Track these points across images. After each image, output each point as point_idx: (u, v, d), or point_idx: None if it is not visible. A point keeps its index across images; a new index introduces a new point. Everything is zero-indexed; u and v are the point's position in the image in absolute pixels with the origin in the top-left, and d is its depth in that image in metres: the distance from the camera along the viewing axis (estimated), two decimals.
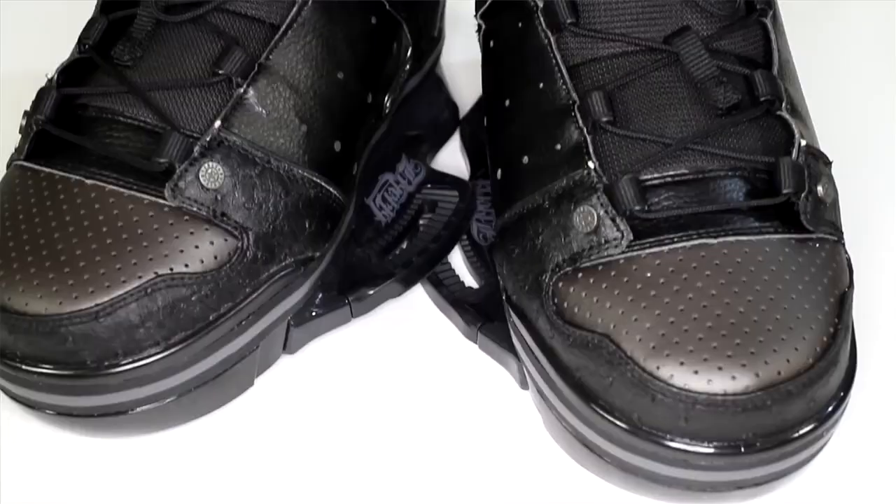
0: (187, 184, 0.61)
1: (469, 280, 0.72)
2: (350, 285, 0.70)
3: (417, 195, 0.76)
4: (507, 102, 0.66)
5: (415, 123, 0.79)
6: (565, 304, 0.59)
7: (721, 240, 0.59)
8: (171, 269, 0.60)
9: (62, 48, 0.70)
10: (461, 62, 0.86)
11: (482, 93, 0.73)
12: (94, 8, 0.69)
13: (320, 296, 0.69)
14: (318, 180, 0.66)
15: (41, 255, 0.60)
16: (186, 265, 0.61)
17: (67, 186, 0.63)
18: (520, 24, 0.65)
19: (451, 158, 0.81)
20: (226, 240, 0.62)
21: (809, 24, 0.83)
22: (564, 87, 0.63)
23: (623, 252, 0.59)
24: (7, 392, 0.64)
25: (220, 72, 0.64)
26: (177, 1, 0.66)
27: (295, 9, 0.66)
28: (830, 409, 0.58)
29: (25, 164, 0.64)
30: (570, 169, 0.61)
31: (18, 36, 0.91)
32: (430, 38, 0.80)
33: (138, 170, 0.62)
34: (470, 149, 0.80)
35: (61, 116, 0.65)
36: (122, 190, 0.62)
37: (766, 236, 0.59)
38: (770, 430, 0.56)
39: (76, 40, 0.67)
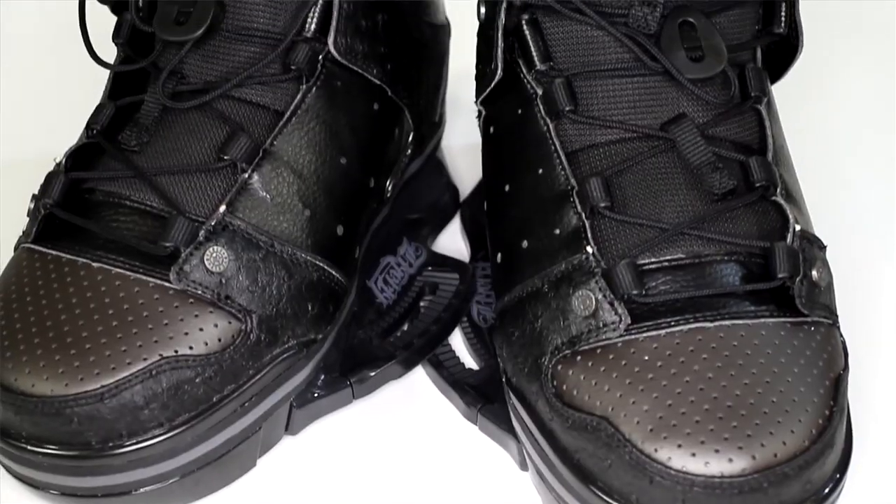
0: (192, 267, 0.62)
1: (469, 362, 0.73)
2: (352, 367, 0.71)
3: (418, 277, 0.77)
4: (507, 187, 0.67)
5: (416, 206, 0.80)
6: (564, 387, 0.60)
7: (717, 323, 0.59)
8: (176, 352, 0.61)
9: (71, 132, 0.71)
10: (461, 145, 0.87)
11: (482, 176, 0.74)
12: (101, 94, 0.71)
13: (322, 377, 0.70)
14: (321, 264, 0.67)
15: (48, 337, 0.61)
16: (191, 347, 0.61)
17: (74, 269, 0.64)
18: (519, 111, 0.67)
19: (452, 241, 0.82)
20: (230, 322, 0.63)
21: (803, 111, 0.85)
22: (563, 172, 0.64)
23: (621, 335, 0.59)
24: (11, 472, 0.64)
25: (226, 157, 0.65)
26: (184, 88, 0.67)
27: (299, 96, 0.67)
28: (827, 490, 0.58)
29: (33, 246, 0.65)
30: (569, 253, 0.62)
31: (26, 119, 0.93)
32: (431, 122, 0.81)
33: (144, 253, 0.63)
34: (470, 231, 0.81)
35: (69, 200, 0.66)
36: (128, 273, 0.63)
37: (762, 320, 0.60)
38: None
39: (84, 125, 0.69)
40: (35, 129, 0.91)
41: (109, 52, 0.71)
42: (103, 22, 0.72)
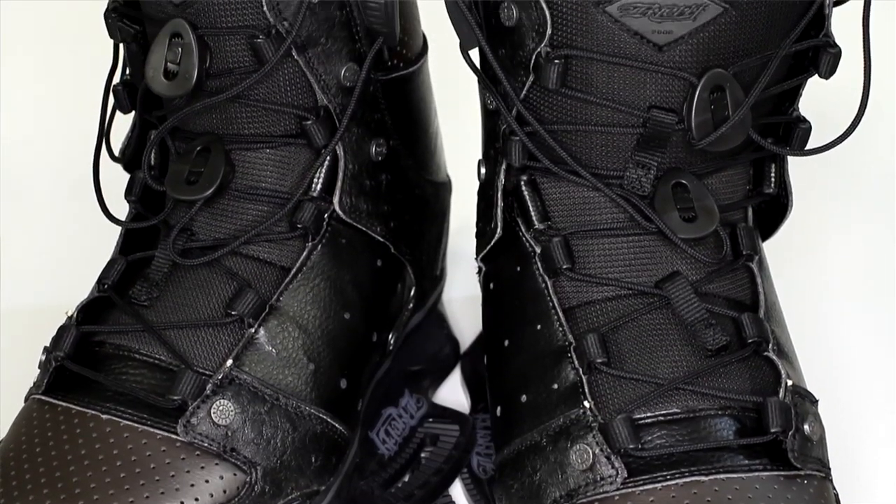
0: (199, 420, 0.64)
1: None
2: None
3: (419, 429, 0.78)
4: (507, 342, 0.69)
5: (417, 359, 0.82)
6: None
7: (712, 477, 0.60)
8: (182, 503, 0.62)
9: (81, 281, 0.73)
10: (462, 298, 0.89)
11: (482, 330, 0.76)
12: (113, 244, 0.73)
13: None
14: (325, 416, 0.68)
15: (56, 488, 0.62)
16: (196, 499, 0.62)
17: (83, 420, 0.65)
18: (518, 269, 0.69)
19: (452, 393, 0.83)
20: (235, 474, 0.64)
21: (794, 267, 0.87)
22: (561, 329, 0.65)
23: (618, 489, 0.60)
24: None
25: (233, 313, 0.67)
26: (193, 245, 0.69)
27: (305, 253, 0.69)
28: None
29: (43, 398, 0.67)
30: (567, 408, 0.63)
31: (39, 270, 0.95)
32: (432, 277, 0.83)
33: (152, 405, 0.65)
34: (470, 383, 0.82)
35: (79, 352, 0.67)
36: (136, 425, 0.64)
37: (756, 473, 0.61)
38: None
39: (96, 279, 0.70)
40: (47, 280, 0.93)
41: (121, 207, 0.73)
42: (116, 178, 0.74)
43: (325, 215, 0.70)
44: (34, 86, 1.11)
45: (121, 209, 0.73)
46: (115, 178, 0.74)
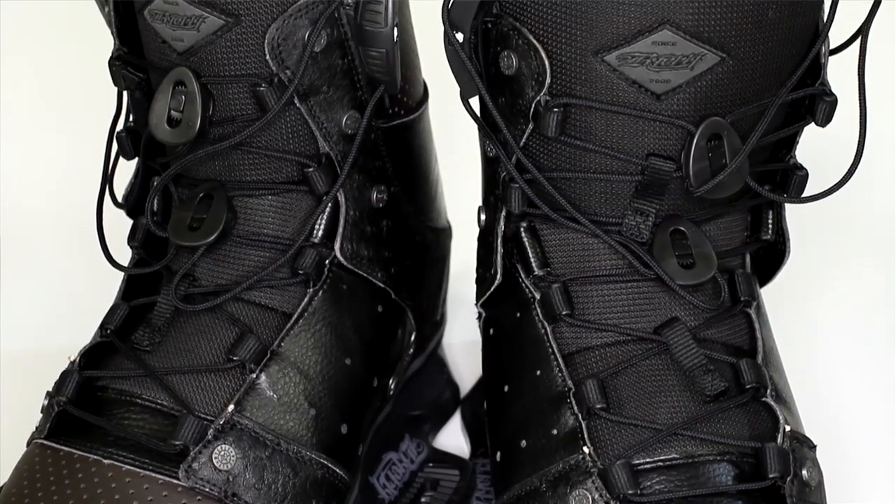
0: (201, 465, 0.64)
1: None
2: None
3: (420, 473, 0.78)
4: (507, 387, 0.69)
5: (417, 403, 0.82)
6: None
7: None
8: None
9: (82, 325, 0.74)
10: (462, 342, 0.89)
11: (482, 375, 0.76)
12: (115, 287, 0.73)
13: None
14: (325, 461, 0.68)
15: None
16: None
17: (85, 465, 0.65)
18: (518, 314, 0.69)
19: (453, 437, 0.83)
20: None
21: (792, 312, 0.87)
22: (560, 374, 0.66)
23: None
24: None
25: (235, 358, 0.67)
26: (196, 291, 0.70)
27: (306, 299, 0.70)
28: None
29: (45, 442, 0.67)
30: (567, 454, 0.63)
31: (41, 314, 0.95)
32: (433, 322, 0.84)
33: (154, 450, 0.65)
34: (470, 428, 0.83)
35: (82, 397, 0.68)
36: (137, 470, 0.64)
37: None
38: None
39: (99, 325, 0.71)
40: (50, 324, 0.93)
41: (124, 252, 0.73)
42: (119, 223, 0.75)
43: (327, 261, 0.71)
44: (38, 131, 1.12)
45: (124, 254, 0.73)
46: (118, 224, 0.74)
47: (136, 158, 0.73)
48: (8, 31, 1.14)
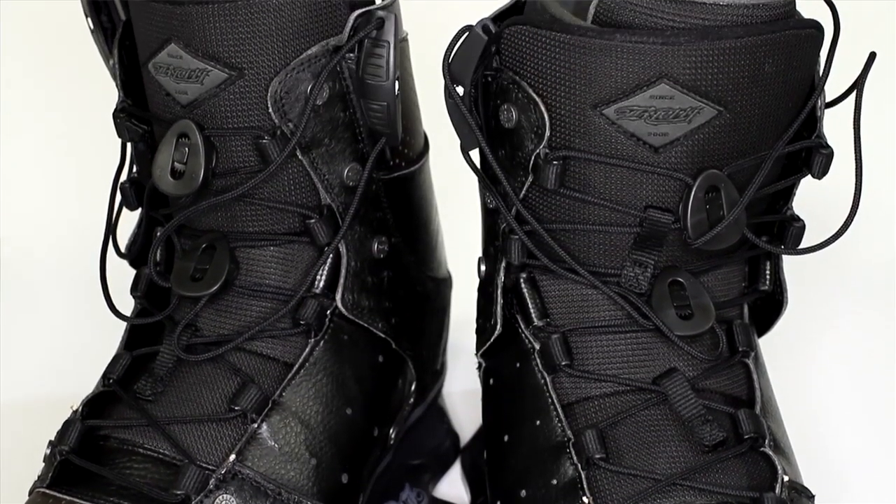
0: None
1: None
2: None
3: None
4: (506, 437, 0.70)
5: (417, 453, 0.82)
6: None
7: None
8: None
9: (83, 373, 0.74)
10: (462, 391, 0.89)
11: (482, 424, 0.77)
12: (117, 335, 0.74)
13: None
14: None
15: None
16: None
17: None
18: (518, 365, 0.69)
19: (453, 487, 0.83)
20: None
21: (790, 362, 0.88)
22: (560, 424, 0.66)
23: None
24: None
25: (236, 408, 0.67)
26: (198, 341, 0.70)
27: (307, 349, 0.70)
28: None
29: (48, 491, 0.67)
30: (566, 503, 0.64)
31: (42, 366, 0.96)
32: (433, 371, 0.84)
33: (156, 500, 0.65)
34: (470, 477, 0.83)
35: (84, 447, 0.68)
36: None
37: None
38: None
39: (102, 374, 0.71)
40: (53, 373, 0.94)
41: (126, 302, 0.74)
42: (121, 273, 0.75)
43: (328, 312, 0.71)
44: (42, 181, 1.13)
45: (126, 304, 0.74)
46: (121, 274, 0.75)
47: (140, 209, 0.74)
48: (14, 82, 1.15)
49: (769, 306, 0.72)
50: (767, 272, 0.70)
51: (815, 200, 0.75)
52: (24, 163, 1.13)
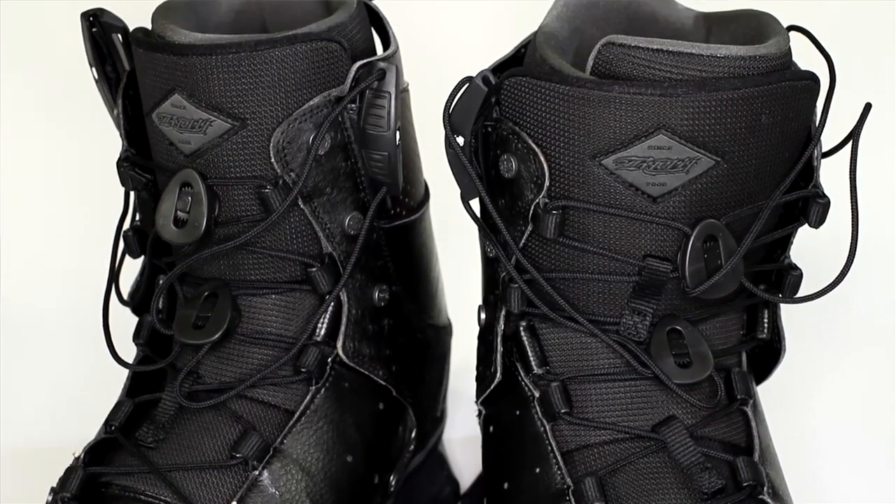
0: None
1: None
2: None
3: None
4: (506, 485, 0.70)
5: (418, 500, 0.82)
6: None
7: None
8: None
9: (83, 419, 0.74)
10: (462, 438, 0.90)
11: (482, 471, 0.77)
12: (118, 379, 0.74)
13: None
14: None
15: None
16: None
17: None
18: (518, 412, 0.70)
19: None
20: None
21: (788, 410, 0.88)
22: (559, 472, 0.66)
23: None
24: None
25: (238, 455, 0.68)
26: (199, 388, 0.70)
27: (308, 396, 0.71)
28: None
29: None
30: None
31: (44, 412, 0.96)
32: (433, 418, 0.84)
33: None
34: None
35: (86, 493, 0.68)
36: None
37: None
38: None
39: (104, 421, 0.72)
40: (55, 420, 0.94)
41: (129, 348, 0.74)
42: (124, 320, 0.76)
43: (329, 359, 0.72)
44: (46, 229, 1.13)
45: (128, 351, 0.74)
46: (124, 320, 0.75)
47: (142, 257, 0.74)
48: (19, 130, 1.15)
49: (767, 354, 0.72)
50: (765, 320, 0.70)
51: (812, 249, 0.75)
52: (29, 209, 1.14)
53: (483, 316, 0.74)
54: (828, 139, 0.66)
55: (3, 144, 1.15)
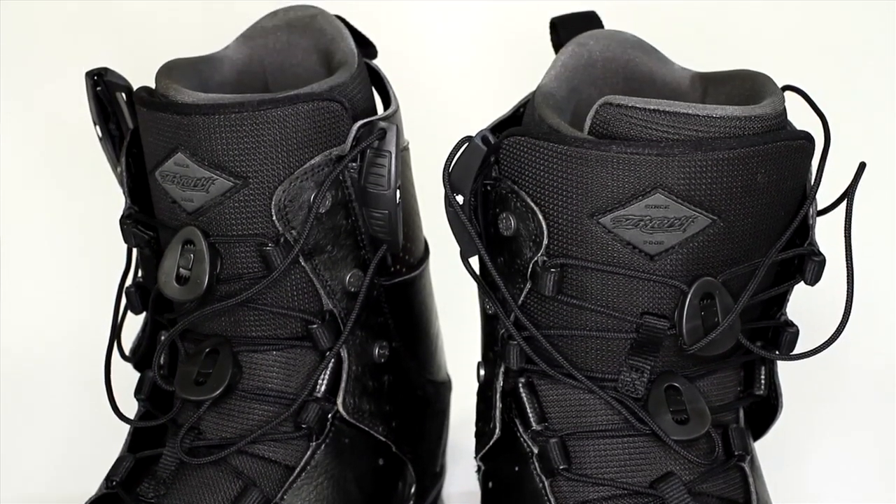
0: None
1: None
2: None
3: None
4: None
5: None
6: None
7: None
8: None
9: (90, 480, 0.75)
10: (461, 493, 0.89)
11: None
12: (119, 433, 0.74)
13: None
14: None
15: None
16: None
17: None
18: (517, 468, 0.70)
19: None
20: None
21: (785, 466, 0.88)
22: None
23: None
24: None
25: None
26: (200, 444, 0.71)
27: (308, 452, 0.71)
28: None
29: None
30: None
31: (46, 467, 0.96)
32: (432, 474, 0.84)
33: None
34: None
35: None
36: None
37: None
38: None
39: (105, 476, 0.72)
40: (57, 475, 0.94)
41: (130, 403, 0.75)
42: (126, 375, 0.76)
43: (329, 415, 0.72)
44: (49, 284, 1.14)
45: (130, 406, 0.74)
46: (126, 376, 0.76)
47: (144, 313, 0.75)
48: (23, 186, 1.16)
49: (764, 410, 0.73)
50: (762, 377, 0.71)
51: (808, 306, 0.76)
52: (33, 264, 1.15)
53: (482, 372, 0.74)
54: (823, 197, 0.67)
55: (7, 200, 1.15)
